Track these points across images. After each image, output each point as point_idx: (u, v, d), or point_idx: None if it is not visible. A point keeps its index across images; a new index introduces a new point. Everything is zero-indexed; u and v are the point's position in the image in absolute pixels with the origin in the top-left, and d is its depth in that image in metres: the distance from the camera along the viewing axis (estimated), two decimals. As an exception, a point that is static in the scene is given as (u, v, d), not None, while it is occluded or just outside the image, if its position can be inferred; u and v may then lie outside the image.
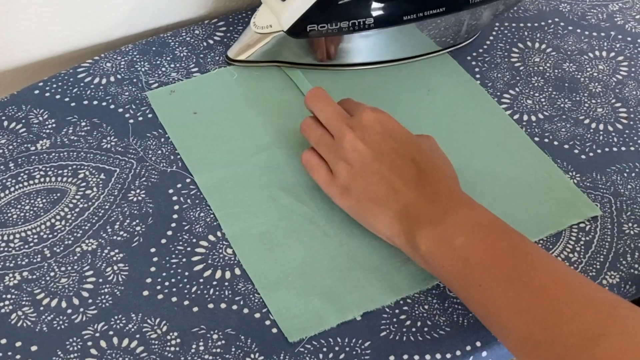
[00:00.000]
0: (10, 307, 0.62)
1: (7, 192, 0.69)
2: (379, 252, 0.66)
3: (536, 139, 0.76)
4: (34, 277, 0.64)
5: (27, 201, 0.68)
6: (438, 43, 0.81)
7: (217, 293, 0.63)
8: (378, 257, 0.66)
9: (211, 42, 0.83)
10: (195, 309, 0.62)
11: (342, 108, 0.69)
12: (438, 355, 0.61)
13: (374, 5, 0.72)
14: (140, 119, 0.75)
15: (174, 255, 0.65)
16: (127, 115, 0.76)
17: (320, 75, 0.79)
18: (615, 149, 0.75)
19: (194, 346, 0.60)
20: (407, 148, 0.65)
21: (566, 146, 0.75)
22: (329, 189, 0.66)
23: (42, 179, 0.70)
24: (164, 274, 0.64)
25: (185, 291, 0.63)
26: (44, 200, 0.68)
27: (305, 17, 0.72)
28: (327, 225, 0.68)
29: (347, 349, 0.61)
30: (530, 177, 0.72)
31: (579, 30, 0.87)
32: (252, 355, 0.60)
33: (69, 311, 0.62)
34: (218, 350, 0.60)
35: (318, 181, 0.67)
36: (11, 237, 0.66)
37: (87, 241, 0.66)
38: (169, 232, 0.67)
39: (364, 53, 0.79)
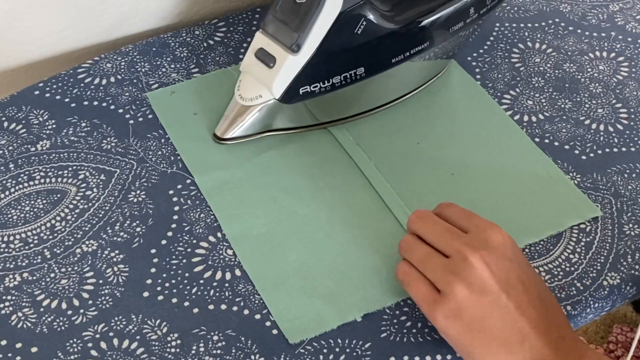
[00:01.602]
0: (11, 308, 0.62)
1: (7, 193, 0.69)
2: (380, 253, 0.66)
3: (537, 139, 0.76)
4: (34, 278, 0.64)
5: (27, 202, 0.68)
6: (429, 74, 0.79)
7: (217, 294, 0.63)
8: (379, 258, 0.66)
9: (211, 42, 0.83)
10: (196, 310, 0.62)
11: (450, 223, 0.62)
12: (438, 357, 0.61)
13: (363, 55, 0.69)
14: (141, 119, 0.75)
15: (174, 257, 0.65)
16: (127, 116, 0.76)
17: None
18: (615, 150, 0.75)
19: (194, 347, 0.60)
20: (533, 279, 0.59)
21: (567, 147, 0.75)
22: (432, 307, 0.58)
23: (42, 180, 0.70)
24: (164, 275, 0.64)
25: (186, 292, 0.63)
26: (44, 201, 0.68)
27: (296, 80, 0.68)
28: (328, 227, 0.68)
29: (348, 350, 0.61)
30: (531, 178, 0.72)
31: (579, 31, 0.87)
32: (252, 357, 0.60)
33: (69, 312, 0.62)
34: (218, 351, 0.60)
35: (417, 297, 0.60)
36: (11, 238, 0.66)
37: (87, 242, 0.66)
38: (169, 233, 0.67)
39: (360, 101, 0.75)
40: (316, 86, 0.69)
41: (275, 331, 0.61)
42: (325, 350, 0.60)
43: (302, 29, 0.65)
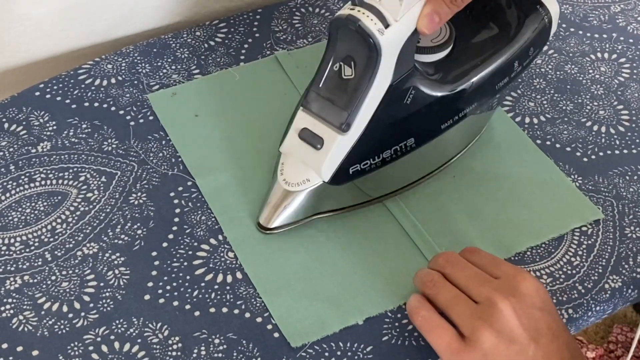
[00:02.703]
0: (12, 311, 0.62)
1: (7, 194, 0.69)
2: (382, 256, 0.66)
3: (538, 141, 0.75)
4: (35, 281, 0.63)
5: (28, 204, 0.68)
6: (477, 130, 0.75)
7: (218, 297, 0.63)
8: (380, 261, 0.66)
9: (212, 43, 0.83)
10: (197, 313, 0.62)
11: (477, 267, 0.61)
12: (440, 360, 0.61)
13: (412, 124, 0.65)
14: (142, 121, 0.75)
15: (175, 259, 0.65)
16: (128, 117, 0.75)
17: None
18: (617, 152, 0.75)
19: (195, 351, 0.60)
20: (561, 328, 0.58)
21: (568, 149, 0.75)
22: (456, 357, 0.57)
23: (43, 182, 0.70)
24: (165, 278, 0.64)
25: (187, 295, 0.63)
26: (45, 203, 0.68)
27: (346, 160, 0.63)
28: (330, 230, 0.68)
29: (350, 353, 0.61)
30: (532, 180, 0.72)
31: (580, 32, 0.86)
32: (254, 360, 0.60)
33: (70, 315, 0.62)
34: (220, 355, 0.60)
35: (439, 346, 0.58)
36: (12, 240, 0.66)
37: (88, 245, 0.66)
38: (170, 236, 0.67)
39: (407, 172, 0.70)
40: (366, 163, 0.64)
41: (276, 334, 0.61)
42: (327, 354, 0.60)
43: (351, 106, 0.60)
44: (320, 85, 0.62)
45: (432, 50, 0.66)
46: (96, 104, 0.76)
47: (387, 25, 0.58)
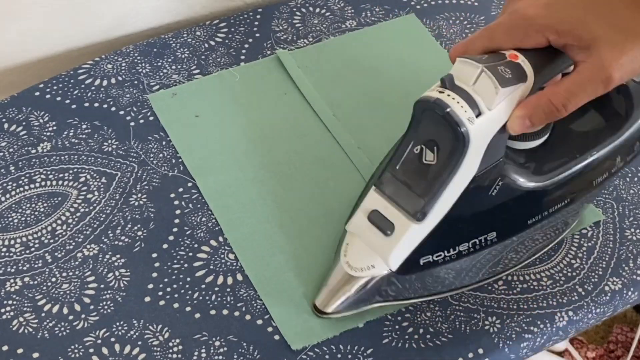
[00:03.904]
0: (12, 313, 0.62)
1: (7, 195, 0.69)
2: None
3: (539, 143, 0.75)
4: (35, 282, 0.63)
5: (28, 205, 0.68)
6: (560, 231, 0.68)
7: (219, 299, 0.63)
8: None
9: (213, 43, 0.82)
10: (197, 315, 0.62)
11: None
12: (440, 363, 0.61)
13: (496, 218, 0.59)
14: (142, 121, 0.75)
15: (175, 261, 0.65)
16: (128, 117, 0.75)
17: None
18: (618, 154, 0.75)
19: (195, 353, 0.60)
20: None
21: (569, 150, 0.75)
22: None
23: (43, 183, 0.70)
24: (166, 280, 0.64)
25: (187, 297, 0.63)
26: (45, 205, 0.68)
27: (417, 250, 0.58)
28: (331, 232, 0.67)
29: (350, 356, 0.61)
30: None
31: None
32: (254, 363, 0.60)
33: (71, 317, 0.62)
34: (220, 357, 0.60)
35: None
36: (12, 242, 0.66)
37: (88, 246, 0.66)
38: (171, 237, 0.67)
39: (484, 267, 0.64)
40: (440, 255, 0.59)
41: (277, 337, 0.61)
42: (327, 357, 0.60)
43: (429, 194, 0.55)
44: (397, 167, 0.57)
45: (527, 137, 0.60)
46: (96, 104, 0.76)
47: (478, 114, 0.53)
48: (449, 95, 0.53)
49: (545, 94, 0.54)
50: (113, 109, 0.76)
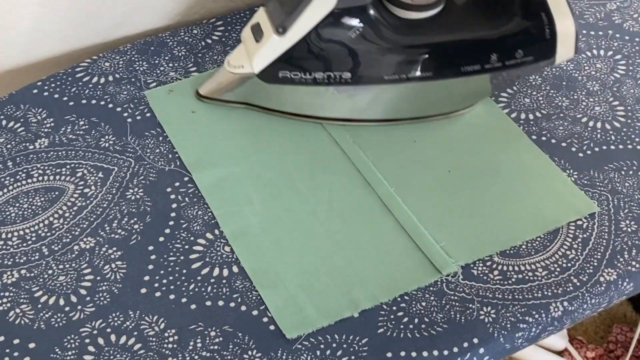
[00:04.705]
0: (9, 304, 0.62)
1: (5, 190, 0.69)
2: (377, 249, 0.66)
3: (534, 137, 0.76)
4: (32, 274, 0.64)
5: (26, 199, 0.69)
6: (430, 107, 0.76)
7: (214, 290, 0.63)
8: (376, 254, 0.66)
9: (209, 41, 0.83)
10: (193, 306, 0.62)
11: None
12: (435, 352, 0.61)
13: (353, 61, 0.68)
14: (139, 118, 0.76)
15: (171, 253, 0.65)
16: (125, 114, 0.76)
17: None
18: (612, 147, 0.75)
19: (191, 343, 0.60)
20: None
21: (564, 144, 0.75)
22: None
23: (40, 178, 0.70)
24: (162, 272, 0.64)
25: (183, 289, 0.63)
26: (42, 199, 0.69)
27: (278, 61, 0.68)
28: (326, 223, 0.68)
29: (345, 345, 0.61)
30: (528, 175, 0.73)
31: (576, 29, 0.87)
32: (249, 352, 0.60)
33: (67, 309, 0.62)
34: (215, 347, 0.60)
35: None
36: (9, 235, 0.66)
37: (85, 239, 0.66)
38: (167, 230, 0.67)
39: (343, 108, 0.74)
40: (297, 75, 0.68)
41: (272, 327, 0.61)
42: (322, 346, 0.61)
43: (292, 13, 0.65)
44: None
45: (408, 7, 0.68)
46: (93, 101, 0.77)
47: None
48: None
49: None
50: (110, 105, 0.77)
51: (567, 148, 0.75)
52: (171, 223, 0.67)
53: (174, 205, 0.69)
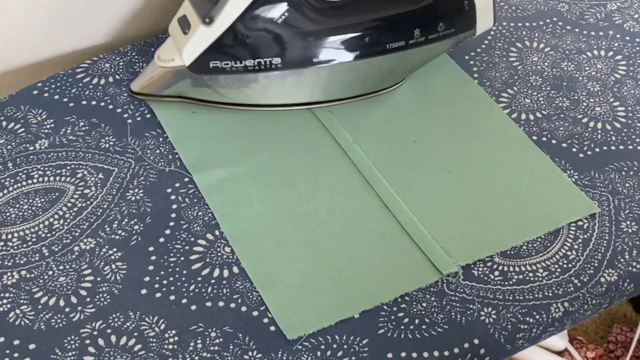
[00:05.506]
0: (9, 305, 0.62)
1: (5, 191, 0.69)
2: (377, 250, 0.66)
3: (534, 137, 0.76)
4: (32, 275, 0.64)
5: (26, 200, 0.69)
6: (362, 87, 0.77)
7: (215, 291, 0.63)
8: (377, 255, 0.66)
9: (209, 42, 0.83)
10: (193, 307, 0.62)
11: None
12: (436, 353, 0.61)
13: (282, 46, 0.69)
14: (139, 119, 0.75)
15: (172, 254, 0.65)
16: (125, 115, 0.76)
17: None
18: (613, 148, 0.75)
19: (191, 344, 0.60)
20: None
21: (564, 145, 0.75)
22: None
23: (40, 179, 0.70)
24: (162, 273, 0.64)
25: (183, 289, 0.63)
26: (43, 200, 0.69)
27: (207, 52, 0.69)
28: (326, 224, 0.68)
29: (345, 346, 0.61)
30: (528, 176, 0.72)
31: (577, 30, 0.87)
32: (250, 353, 0.60)
33: (67, 309, 0.62)
34: (216, 348, 0.60)
35: None
36: (9, 236, 0.66)
37: (85, 240, 0.66)
38: (167, 231, 0.67)
39: (277, 90, 0.75)
40: (227, 64, 0.68)
41: (273, 327, 0.61)
42: (322, 347, 0.60)
43: (217, 2, 0.66)
44: None
45: None
46: (94, 102, 0.77)
47: None
48: None
49: None
50: (110, 106, 0.77)
51: (567, 148, 0.75)
52: (171, 224, 0.67)
53: (174, 206, 0.69)
